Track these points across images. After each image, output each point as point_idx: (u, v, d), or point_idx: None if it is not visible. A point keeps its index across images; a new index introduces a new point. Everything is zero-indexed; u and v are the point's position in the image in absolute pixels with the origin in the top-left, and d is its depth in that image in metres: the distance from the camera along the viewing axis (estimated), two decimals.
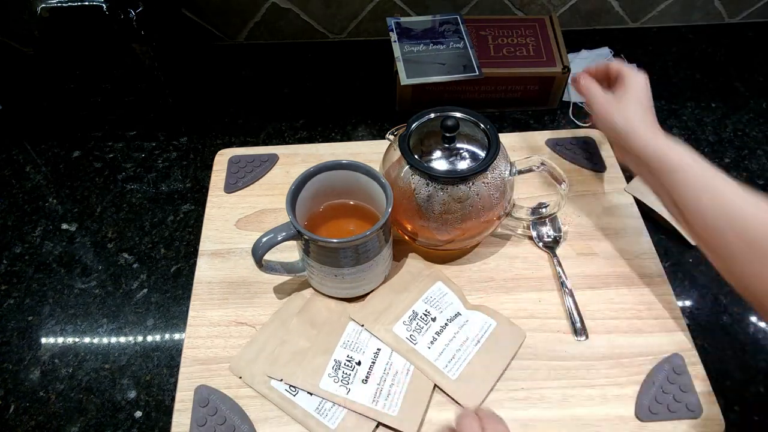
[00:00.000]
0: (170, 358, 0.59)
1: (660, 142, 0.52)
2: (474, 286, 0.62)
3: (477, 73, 0.75)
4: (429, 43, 0.78)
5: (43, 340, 0.60)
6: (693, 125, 0.79)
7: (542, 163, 0.57)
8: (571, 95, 0.82)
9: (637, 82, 0.57)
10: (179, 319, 0.61)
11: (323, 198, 0.60)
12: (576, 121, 0.80)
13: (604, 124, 0.57)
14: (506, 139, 0.73)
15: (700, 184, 0.49)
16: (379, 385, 0.54)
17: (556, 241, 0.64)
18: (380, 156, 0.62)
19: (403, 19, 0.81)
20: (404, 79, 0.75)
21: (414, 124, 0.58)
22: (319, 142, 0.78)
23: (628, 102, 0.56)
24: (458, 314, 0.58)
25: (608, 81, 0.61)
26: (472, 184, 0.55)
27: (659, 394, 0.53)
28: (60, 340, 0.60)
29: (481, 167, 0.55)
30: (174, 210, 0.71)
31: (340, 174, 0.58)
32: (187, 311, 0.60)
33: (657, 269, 0.62)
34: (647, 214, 0.68)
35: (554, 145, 0.74)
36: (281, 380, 0.54)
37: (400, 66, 0.77)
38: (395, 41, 0.79)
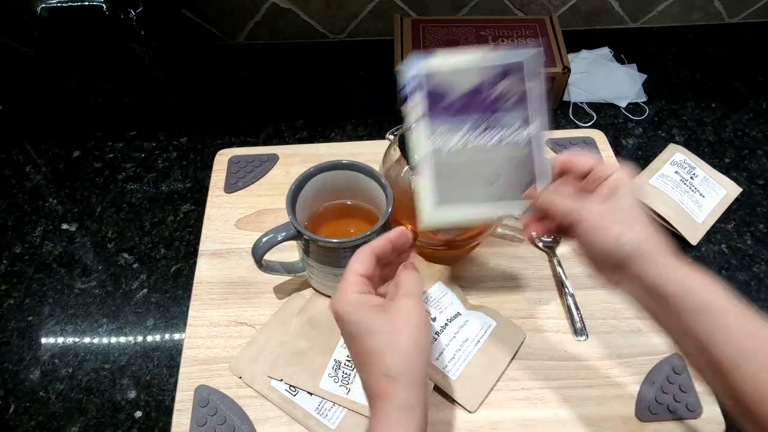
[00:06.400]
0: (170, 358, 0.58)
1: (683, 271, 0.40)
2: (474, 286, 0.62)
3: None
4: (476, 127, 0.44)
5: (43, 340, 0.60)
6: (693, 125, 0.79)
7: None
8: (571, 95, 0.82)
9: (628, 180, 0.43)
10: (179, 319, 0.61)
11: (323, 198, 0.60)
12: (576, 121, 0.80)
13: (599, 246, 0.41)
14: None
15: (744, 332, 0.37)
16: None
17: (556, 241, 0.64)
18: (380, 156, 0.62)
19: (433, 60, 0.44)
20: (428, 215, 0.46)
21: None
22: (319, 142, 0.78)
23: (633, 212, 0.42)
24: (458, 314, 0.58)
25: (572, 176, 0.45)
26: None
27: (659, 394, 0.53)
28: (60, 340, 0.60)
29: None
30: (174, 210, 0.71)
31: (340, 174, 0.58)
32: (187, 311, 0.60)
33: None
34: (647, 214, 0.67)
35: (554, 145, 0.74)
36: (281, 380, 0.54)
37: (423, 179, 0.45)
38: (423, 116, 0.45)
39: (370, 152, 0.70)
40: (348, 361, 0.55)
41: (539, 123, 0.44)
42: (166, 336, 0.60)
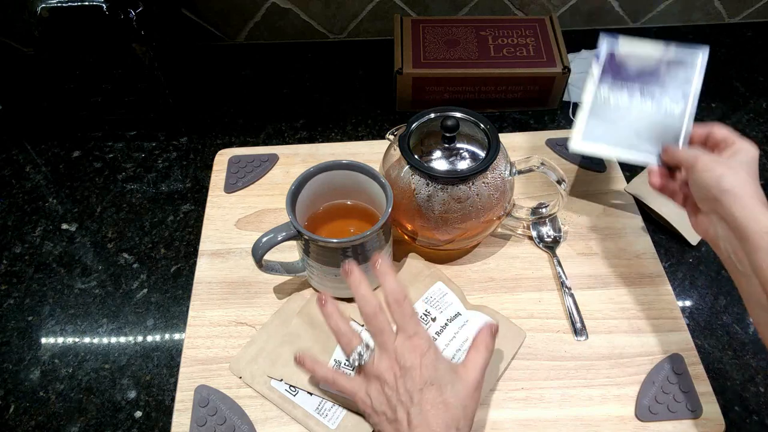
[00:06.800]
0: (170, 358, 0.59)
1: None
2: (474, 286, 0.62)
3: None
4: (638, 91, 0.58)
5: (43, 340, 0.60)
6: None
7: (542, 163, 0.57)
8: (571, 95, 0.82)
9: (750, 151, 0.50)
10: (179, 319, 0.61)
11: (323, 198, 0.60)
12: None
13: (703, 181, 0.49)
14: (506, 139, 0.73)
15: None
16: None
17: (556, 241, 0.64)
18: (380, 156, 0.62)
19: (622, 41, 0.60)
20: (576, 142, 0.58)
21: (414, 124, 0.58)
22: (319, 142, 0.78)
23: (740, 165, 0.49)
24: (458, 314, 0.58)
25: (707, 145, 0.54)
26: (472, 184, 0.55)
27: (659, 394, 0.53)
28: (60, 340, 0.60)
29: (481, 167, 0.55)
30: (174, 210, 0.71)
31: (340, 174, 0.58)
32: (187, 311, 0.60)
33: (657, 269, 0.62)
34: (647, 214, 0.68)
35: (554, 145, 0.74)
36: (281, 380, 0.54)
37: (581, 117, 0.59)
38: (604, 71, 0.59)
39: (370, 152, 0.70)
40: (347, 361, 0.55)
41: (692, 105, 0.57)
42: (166, 336, 0.60)
